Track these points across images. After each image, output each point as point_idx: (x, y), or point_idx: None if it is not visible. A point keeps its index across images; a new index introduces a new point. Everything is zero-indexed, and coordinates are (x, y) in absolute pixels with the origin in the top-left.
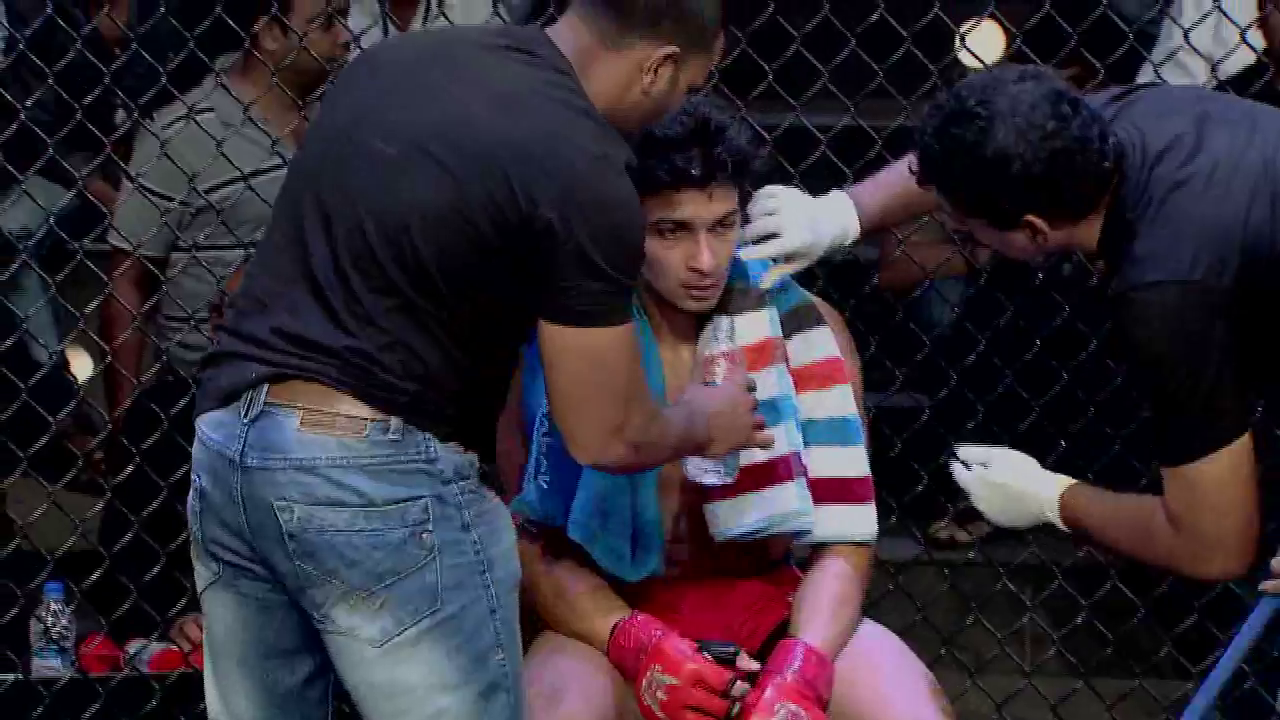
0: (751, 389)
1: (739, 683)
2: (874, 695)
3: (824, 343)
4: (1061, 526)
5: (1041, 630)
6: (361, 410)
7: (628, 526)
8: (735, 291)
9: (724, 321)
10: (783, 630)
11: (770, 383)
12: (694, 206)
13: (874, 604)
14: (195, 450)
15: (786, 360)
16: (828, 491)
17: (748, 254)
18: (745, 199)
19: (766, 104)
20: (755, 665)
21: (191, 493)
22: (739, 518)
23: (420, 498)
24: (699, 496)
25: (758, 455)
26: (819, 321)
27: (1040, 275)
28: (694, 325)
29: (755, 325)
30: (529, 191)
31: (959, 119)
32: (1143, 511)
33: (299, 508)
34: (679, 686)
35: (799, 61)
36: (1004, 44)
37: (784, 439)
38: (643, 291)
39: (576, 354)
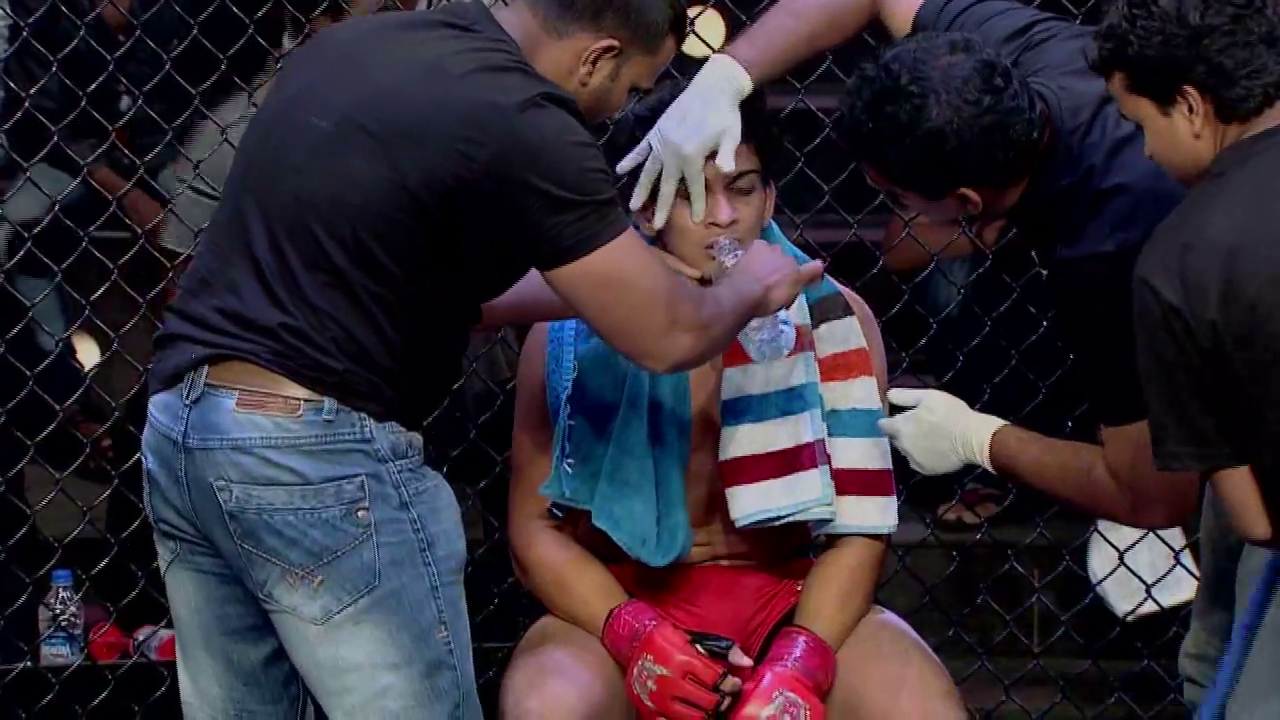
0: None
1: (730, 677)
2: (882, 685)
3: (851, 334)
4: (989, 468)
5: (1049, 611)
6: (296, 390)
7: (652, 510)
8: None
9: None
10: (789, 619)
11: (797, 370)
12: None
13: (881, 586)
14: (145, 433)
15: (813, 348)
16: (849, 483)
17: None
18: (767, 165)
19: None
20: (748, 661)
21: (144, 475)
22: (762, 503)
23: (356, 475)
24: (721, 484)
25: (782, 442)
26: (847, 312)
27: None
28: None
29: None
30: (466, 155)
31: (892, 96)
32: (1080, 460)
33: (237, 488)
34: (669, 678)
35: None
36: (724, 32)
37: (809, 426)
38: None
39: (590, 285)
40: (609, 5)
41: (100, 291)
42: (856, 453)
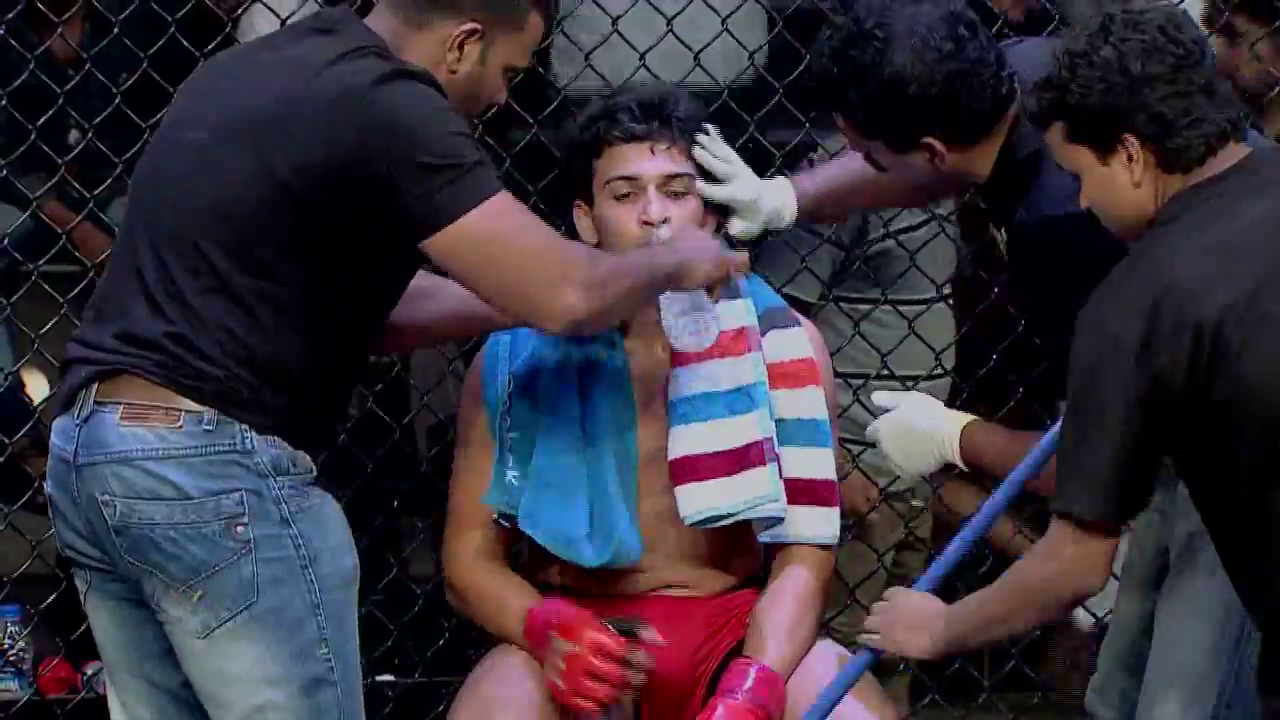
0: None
1: (641, 652)
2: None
3: (799, 343)
4: (961, 465)
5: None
6: (176, 402)
7: (584, 510)
8: None
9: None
10: (739, 650)
11: (745, 370)
12: (638, 161)
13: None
14: (49, 460)
15: (761, 349)
16: (796, 492)
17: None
18: (698, 169)
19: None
20: (660, 640)
21: (48, 503)
22: (711, 500)
23: (235, 490)
24: (670, 496)
25: (731, 441)
26: (795, 322)
27: None
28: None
29: (731, 313)
30: (331, 138)
31: (856, 41)
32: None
33: (119, 502)
34: (578, 654)
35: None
36: None
37: (757, 425)
38: None
39: (470, 247)
40: None
41: (50, 325)
42: (802, 463)
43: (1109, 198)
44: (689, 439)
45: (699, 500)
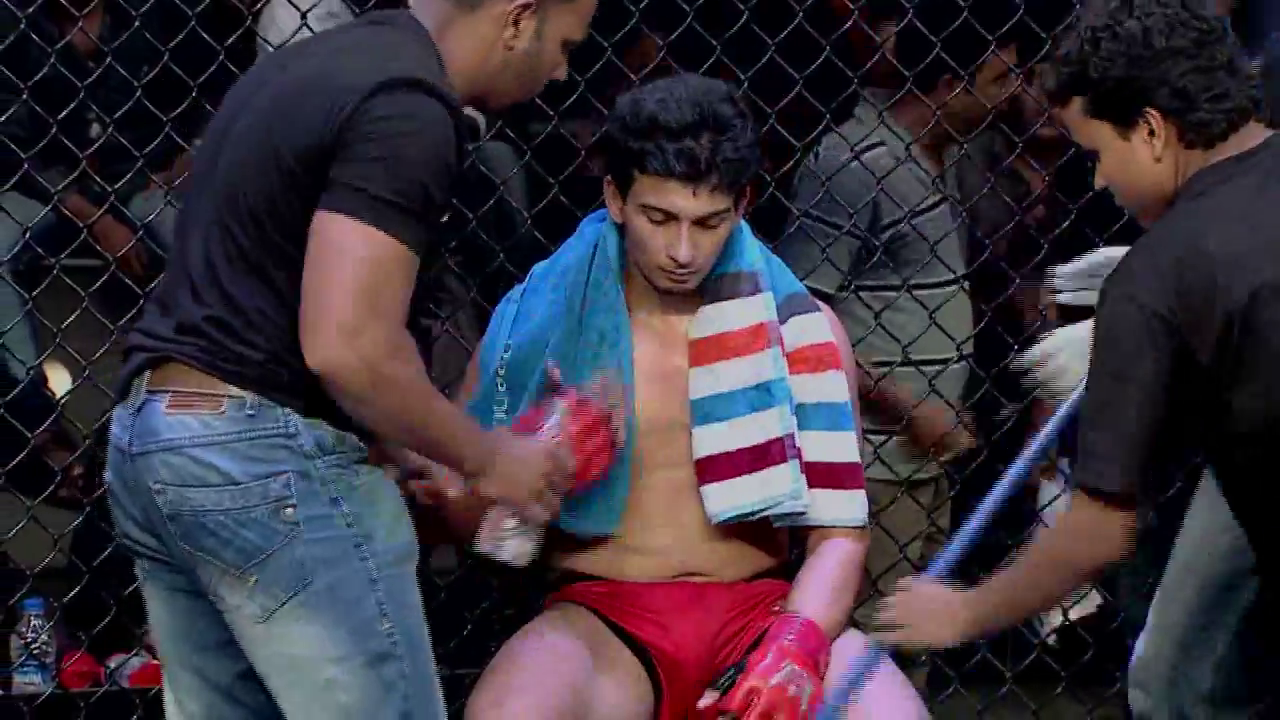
0: (561, 469)
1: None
2: (854, 709)
3: (819, 328)
4: None
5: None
6: (219, 388)
7: None
8: (727, 277)
9: (707, 310)
10: (762, 638)
11: (765, 366)
12: (680, 199)
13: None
14: (109, 449)
15: (781, 344)
16: (819, 476)
17: None
18: (740, 199)
19: None
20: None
21: (108, 493)
22: (734, 499)
23: (282, 473)
24: (696, 486)
25: (752, 438)
26: (815, 308)
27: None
28: (677, 301)
29: (748, 310)
30: (328, 113)
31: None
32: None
33: (171, 490)
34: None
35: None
36: None
37: (778, 422)
38: (626, 259)
39: (333, 238)
40: None
41: (71, 319)
42: (825, 446)
43: (1128, 174)
44: (711, 439)
45: (724, 499)
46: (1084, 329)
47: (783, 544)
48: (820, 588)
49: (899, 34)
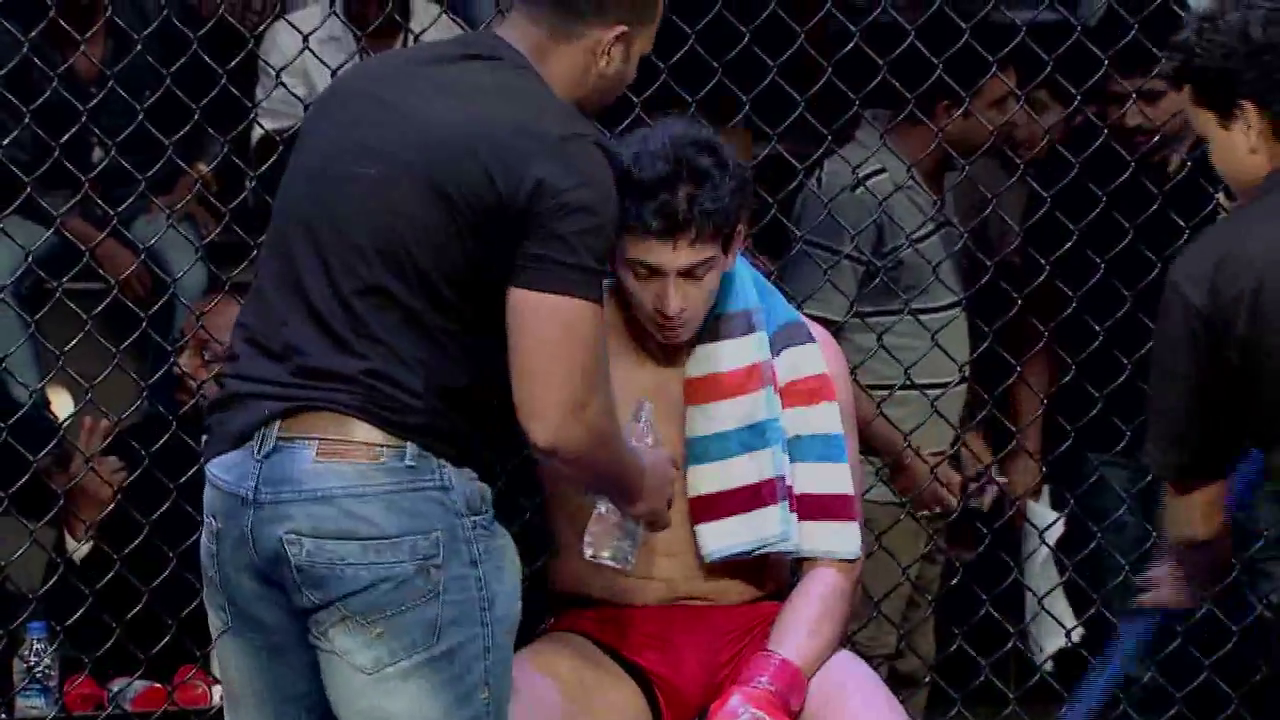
0: (676, 467)
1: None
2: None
3: (812, 360)
4: None
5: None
6: (376, 436)
7: None
8: (721, 319)
9: (702, 350)
10: None
11: (758, 406)
12: (661, 254)
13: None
14: (206, 495)
15: (774, 383)
16: (810, 508)
17: None
18: (730, 242)
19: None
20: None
21: (206, 536)
22: (726, 539)
23: (432, 531)
24: (690, 522)
25: (744, 478)
26: (808, 339)
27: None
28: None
29: (741, 350)
30: (507, 173)
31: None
32: None
33: (308, 541)
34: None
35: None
36: None
37: (770, 463)
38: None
39: (547, 318)
40: None
41: (74, 343)
42: (818, 478)
43: (1228, 163)
44: (705, 478)
45: (717, 538)
46: None
47: (784, 564)
48: (799, 624)
49: (898, 58)
